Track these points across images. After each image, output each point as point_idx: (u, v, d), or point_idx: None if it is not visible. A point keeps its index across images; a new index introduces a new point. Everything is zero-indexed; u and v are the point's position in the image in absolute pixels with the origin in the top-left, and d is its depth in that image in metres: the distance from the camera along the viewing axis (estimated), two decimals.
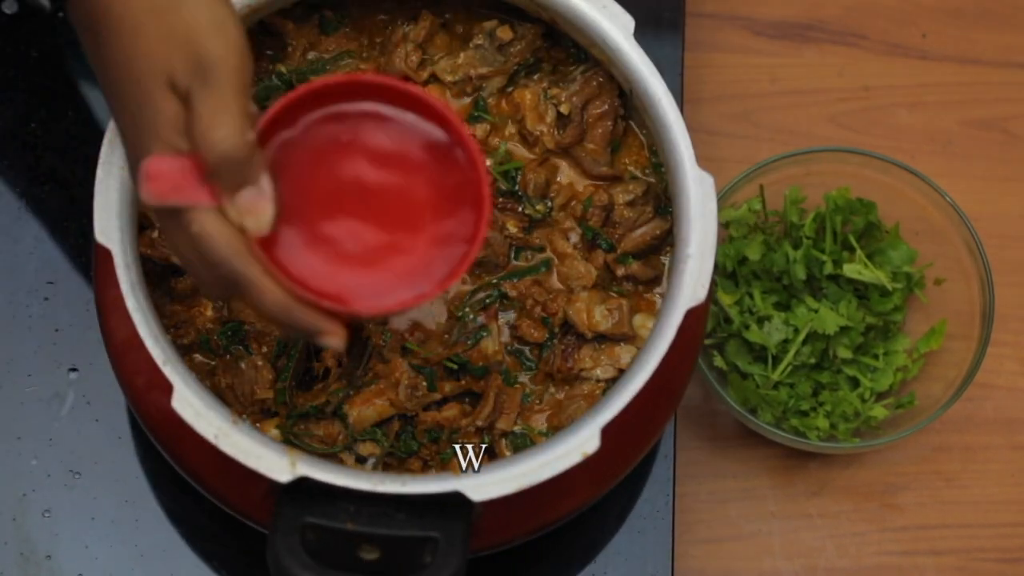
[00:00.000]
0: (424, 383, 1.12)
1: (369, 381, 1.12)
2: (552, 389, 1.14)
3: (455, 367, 1.12)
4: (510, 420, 1.12)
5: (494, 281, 1.15)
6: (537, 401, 1.13)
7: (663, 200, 1.16)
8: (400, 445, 1.11)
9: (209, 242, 0.94)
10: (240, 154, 0.93)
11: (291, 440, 1.10)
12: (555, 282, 1.15)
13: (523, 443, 1.12)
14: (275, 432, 1.10)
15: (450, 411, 1.12)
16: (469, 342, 1.12)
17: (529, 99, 1.17)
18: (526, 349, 1.14)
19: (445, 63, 1.18)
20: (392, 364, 1.11)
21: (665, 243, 1.16)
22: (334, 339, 0.97)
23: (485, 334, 1.12)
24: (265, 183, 0.95)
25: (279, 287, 0.95)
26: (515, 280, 1.15)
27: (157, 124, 0.94)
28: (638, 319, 1.14)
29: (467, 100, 1.18)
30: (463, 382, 1.13)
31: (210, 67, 0.93)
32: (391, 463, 1.12)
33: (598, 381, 1.13)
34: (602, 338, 1.14)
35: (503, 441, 1.12)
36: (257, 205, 0.95)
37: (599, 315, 1.13)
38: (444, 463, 1.11)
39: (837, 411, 1.28)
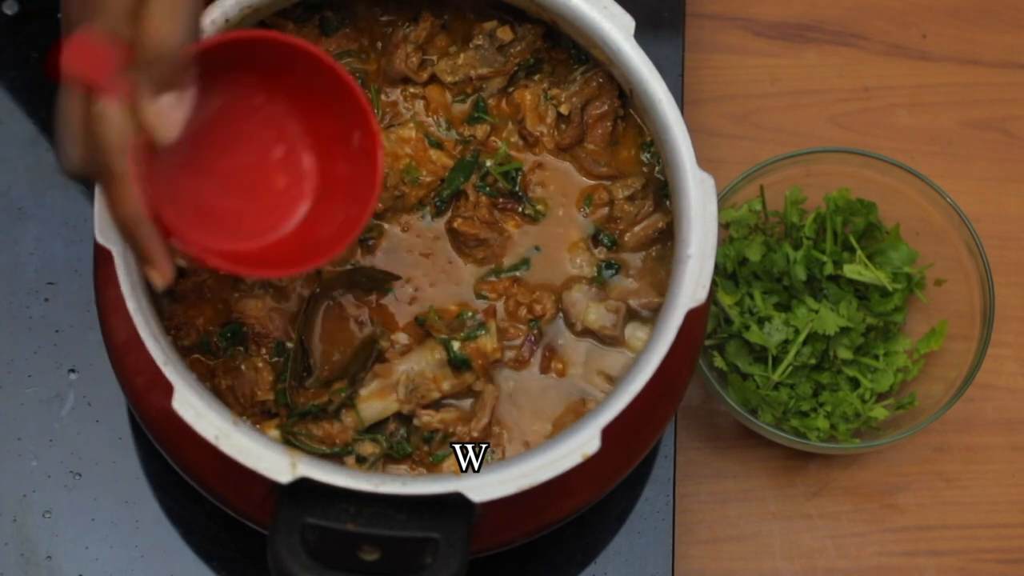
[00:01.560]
0: (422, 385, 1.12)
1: (369, 380, 1.12)
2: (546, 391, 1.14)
3: (457, 360, 1.12)
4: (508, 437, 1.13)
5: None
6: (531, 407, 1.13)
7: (662, 193, 1.16)
8: (396, 448, 1.11)
9: (106, 127, 0.95)
10: (176, 54, 0.95)
11: (290, 440, 1.10)
12: (538, 278, 1.15)
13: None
14: (275, 433, 1.10)
15: (448, 414, 1.12)
16: (465, 337, 1.13)
17: (529, 100, 1.17)
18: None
19: (445, 64, 1.18)
20: (390, 366, 1.12)
21: (667, 236, 1.16)
22: (158, 277, 0.99)
23: (483, 332, 1.12)
24: (187, 101, 0.97)
25: (140, 201, 0.96)
26: (495, 278, 1.15)
27: (110, 3, 0.94)
28: (630, 328, 1.14)
29: (467, 101, 1.18)
30: (464, 379, 1.12)
31: None
32: (387, 467, 1.12)
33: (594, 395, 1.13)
34: (590, 336, 1.14)
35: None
36: (173, 114, 0.96)
37: (595, 313, 1.13)
38: (435, 464, 1.11)
39: (837, 412, 1.28)
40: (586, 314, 1.14)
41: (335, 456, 1.10)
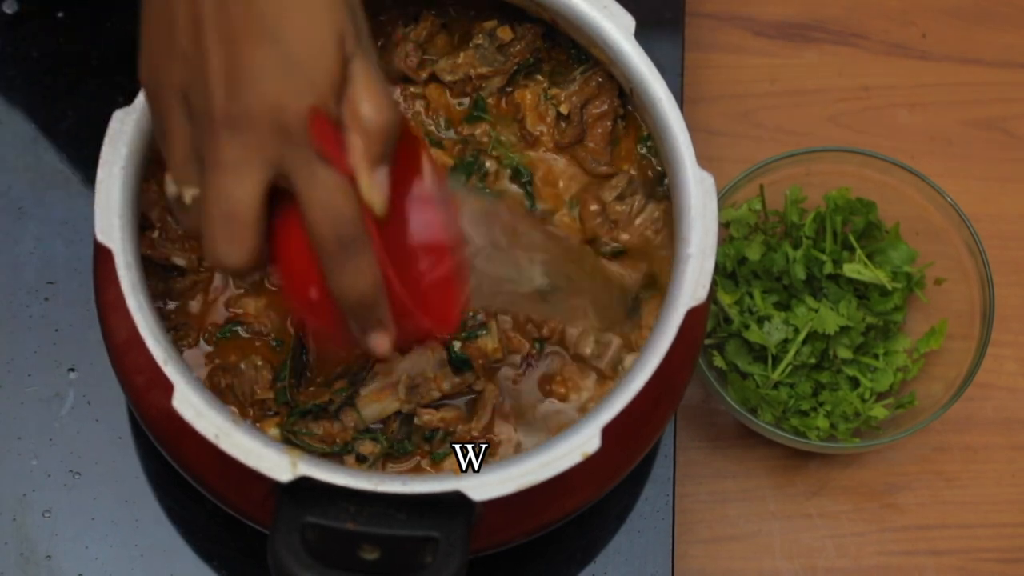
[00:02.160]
0: (423, 384, 1.12)
1: (369, 379, 1.12)
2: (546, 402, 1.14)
3: (458, 360, 1.12)
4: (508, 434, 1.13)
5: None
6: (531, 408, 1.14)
7: (652, 185, 1.16)
8: (396, 446, 1.11)
9: (346, 201, 0.94)
10: (397, 129, 0.95)
11: (290, 439, 1.10)
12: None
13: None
14: (275, 432, 1.10)
15: (448, 413, 1.12)
16: (466, 336, 1.13)
17: (529, 99, 1.18)
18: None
19: (445, 63, 1.18)
20: (391, 365, 1.12)
21: (668, 226, 1.15)
22: (387, 342, 0.98)
23: (483, 332, 1.12)
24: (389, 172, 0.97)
25: (379, 268, 0.96)
26: None
27: (321, 80, 0.93)
28: (628, 360, 1.14)
29: (466, 100, 1.18)
30: (464, 378, 1.12)
31: (366, 39, 0.95)
32: (386, 465, 1.12)
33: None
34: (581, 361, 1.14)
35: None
36: (386, 188, 0.96)
37: (587, 343, 1.13)
38: (436, 463, 1.11)
39: (837, 411, 1.28)
40: (583, 335, 1.14)
41: (335, 455, 1.10)
